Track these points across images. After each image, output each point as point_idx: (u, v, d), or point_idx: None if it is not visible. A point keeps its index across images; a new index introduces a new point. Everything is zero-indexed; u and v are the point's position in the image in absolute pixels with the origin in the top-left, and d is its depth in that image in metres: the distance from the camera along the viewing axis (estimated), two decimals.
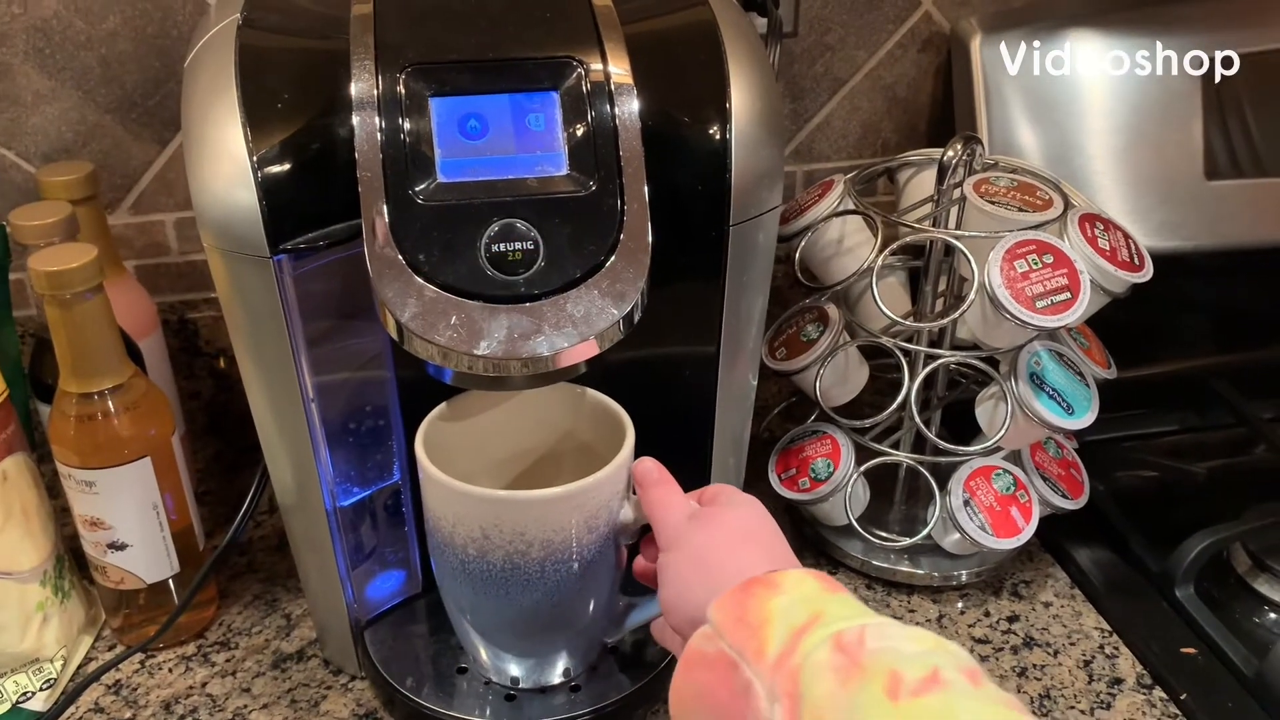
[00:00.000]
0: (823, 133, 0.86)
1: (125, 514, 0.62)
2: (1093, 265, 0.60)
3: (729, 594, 0.43)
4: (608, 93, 0.48)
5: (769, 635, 0.40)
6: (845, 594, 0.43)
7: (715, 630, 0.42)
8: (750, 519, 0.50)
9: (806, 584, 0.43)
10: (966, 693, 0.36)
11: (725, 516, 0.50)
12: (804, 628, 0.40)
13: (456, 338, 0.45)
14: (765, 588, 0.42)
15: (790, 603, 0.41)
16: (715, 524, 0.50)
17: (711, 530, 0.49)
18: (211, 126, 0.48)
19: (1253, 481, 0.82)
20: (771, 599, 0.42)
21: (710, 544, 0.48)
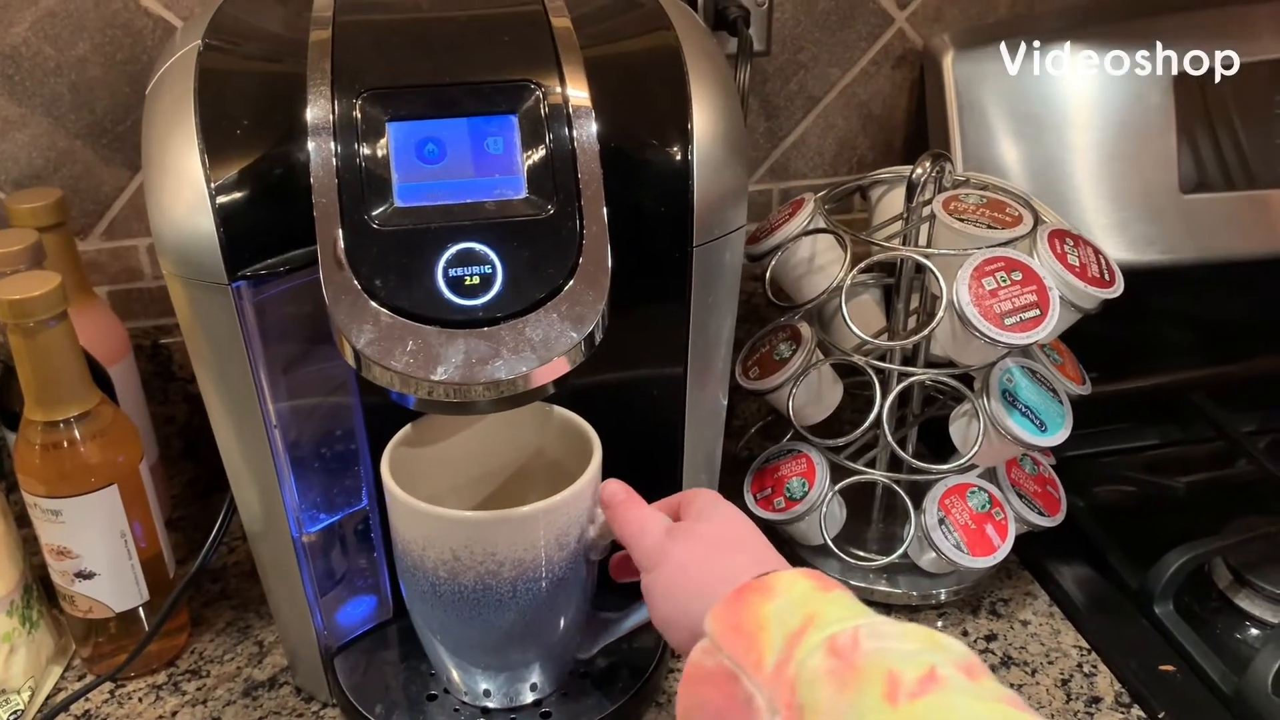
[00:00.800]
0: (798, 150, 0.86)
1: (92, 543, 0.61)
2: (1062, 281, 0.60)
3: (723, 603, 0.42)
4: (566, 116, 0.48)
5: (765, 643, 0.40)
6: (840, 591, 0.42)
7: (713, 642, 0.42)
8: (729, 525, 0.50)
9: (799, 585, 0.42)
10: (964, 690, 0.36)
11: (702, 529, 0.50)
12: (799, 632, 0.39)
13: (413, 363, 0.45)
14: (758, 593, 0.42)
15: (784, 606, 0.41)
16: (694, 536, 0.49)
17: (692, 543, 0.49)
18: (170, 153, 0.48)
19: (1233, 496, 0.82)
20: (765, 604, 0.41)
21: (693, 556, 0.48)
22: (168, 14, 0.72)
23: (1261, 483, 0.81)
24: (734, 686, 0.40)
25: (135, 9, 0.72)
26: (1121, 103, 0.80)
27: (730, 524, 0.50)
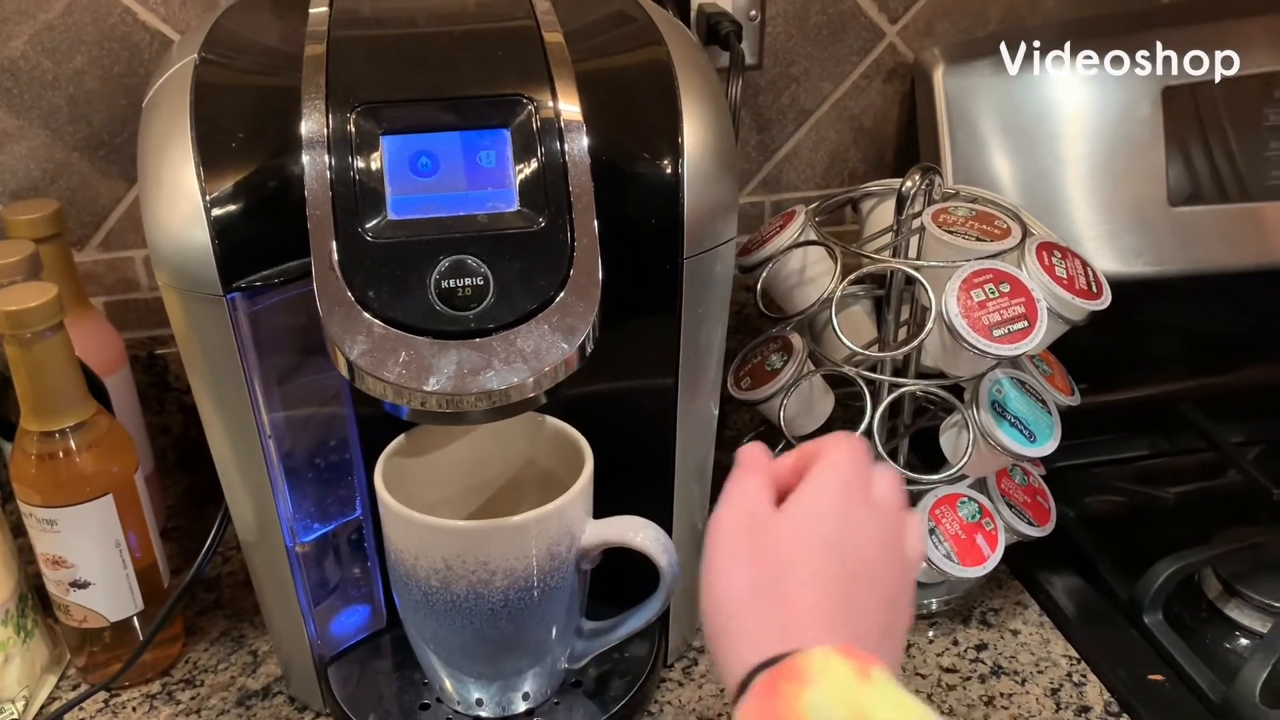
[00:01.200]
0: (790, 163, 0.87)
1: (87, 552, 0.62)
2: (1050, 293, 0.61)
3: (754, 698, 0.38)
4: (558, 129, 0.49)
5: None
6: (877, 671, 0.38)
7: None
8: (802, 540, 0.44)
9: (834, 668, 0.38)
10: None
11: (773, 538, 0.44)
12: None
13: (406, 374, 0.45)
14: (791, 682, 0.38)
15: (824, 701, 0.37)
16: (835, 526, 0.44)
17: (822, 530, 0.43)
18: (166, 166, 0.49)
19: (1222, 506, 0.83)
20: (801, 695, 0.37)
21: (736, 586, 0.43)
22: (165, 27, 0.73)
23: (1250, 493, 0.82)
24: None
25: (133, 23, 0.72)
26: (1111, 116, 0.80)
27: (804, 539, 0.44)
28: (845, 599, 0.42)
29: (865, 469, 0.46)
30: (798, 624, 0.41)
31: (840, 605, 0.42)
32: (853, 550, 0.43)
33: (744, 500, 0.45)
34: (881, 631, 0.43)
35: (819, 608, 0.41)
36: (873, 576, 0.43)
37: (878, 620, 0.43)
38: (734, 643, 0.41)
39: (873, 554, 0.44)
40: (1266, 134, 0.82)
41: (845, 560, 0.43)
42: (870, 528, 0.45)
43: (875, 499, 0.45)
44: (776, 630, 0.40)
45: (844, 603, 0.42)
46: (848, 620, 0.41)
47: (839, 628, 0.41)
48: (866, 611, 0.43)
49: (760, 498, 0.45)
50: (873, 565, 0.44)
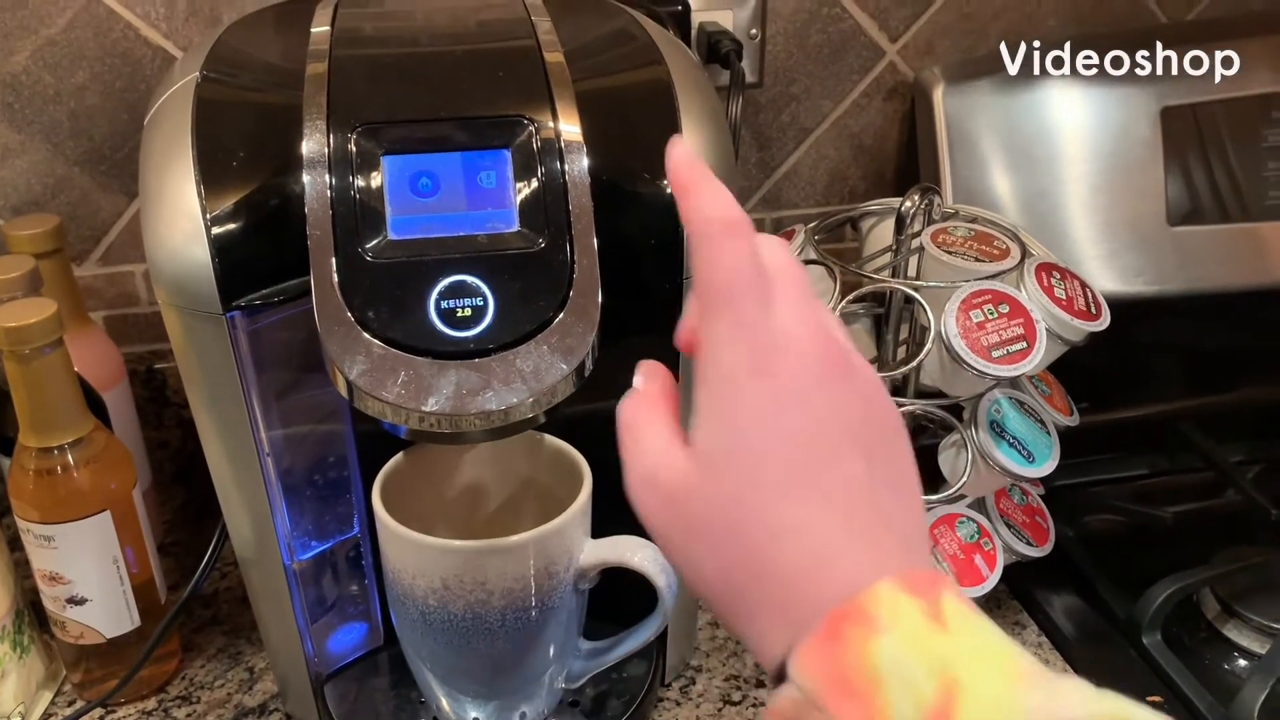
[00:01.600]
0: (790, 181, 0.87)
1: (84, 568, 0.62)
2: (1049, 314, 0.61)
3: (814, 642, 0.32)
4: (558, 150, 0.49)
5: (889, 716, 0.30)
6: (948, 602, 0.32)
7: (807, 698, 0.31)
8: (842, 400, 0.35)
9: (904, 609, 0.31)
10: None
11: (814, 385, 0.34)
12: (941, 712, 0.30)
13: (404, 394, 0.45)
14: (858, 626, 0.31)
15: (900, 652, 0.31)
16: (792, 403, 0.34)
17: (782, 417, 0.34)
18: (167, 184, 0.49)
19: (1221, 526, 0.83)
20: (870, 643, 0.31)
21: (764, 457, 0.34)
22: (167, 43, 0.73)
23: (1249, 513, 0.82)
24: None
25: (135, 38, 0.73)
26: (1110, 135, 0.81)
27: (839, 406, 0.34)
28: (862, 499, 0.34)
29: (753, 303, 0.35)
30: (863, 530, 0.33)
31: (866, 508, 0.34)
32: (810, 433, 0.34)
33: (641, 456, 0.37)
34: (922, 531, 0.36)
35: (846, 545, 0.33)
36: (867, 448, 0.35)
37: (913, 507, 0.36)
38: (745, 628, 0.35)
39: (842, 419, 0.35)
40: (1265, 154, 0.83)
41: (818, 455, 0.34)
42: (829, 391, 0.35)
43: (788, 336, 0.35)
44: (779, 605, 0.33)
45: (869, 503, 0.34)
46: (882, 524, 0.34)
47: (877, 544, 0.33)
48: (895, 501, 0.35)
49: (656, 439, 0.36)
50: (860, 434, 0.35)
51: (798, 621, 0.32)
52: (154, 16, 0.72)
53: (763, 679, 0.67)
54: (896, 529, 0.34)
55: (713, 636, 0.71)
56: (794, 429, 0.34)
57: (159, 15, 0.72)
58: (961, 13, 0.84)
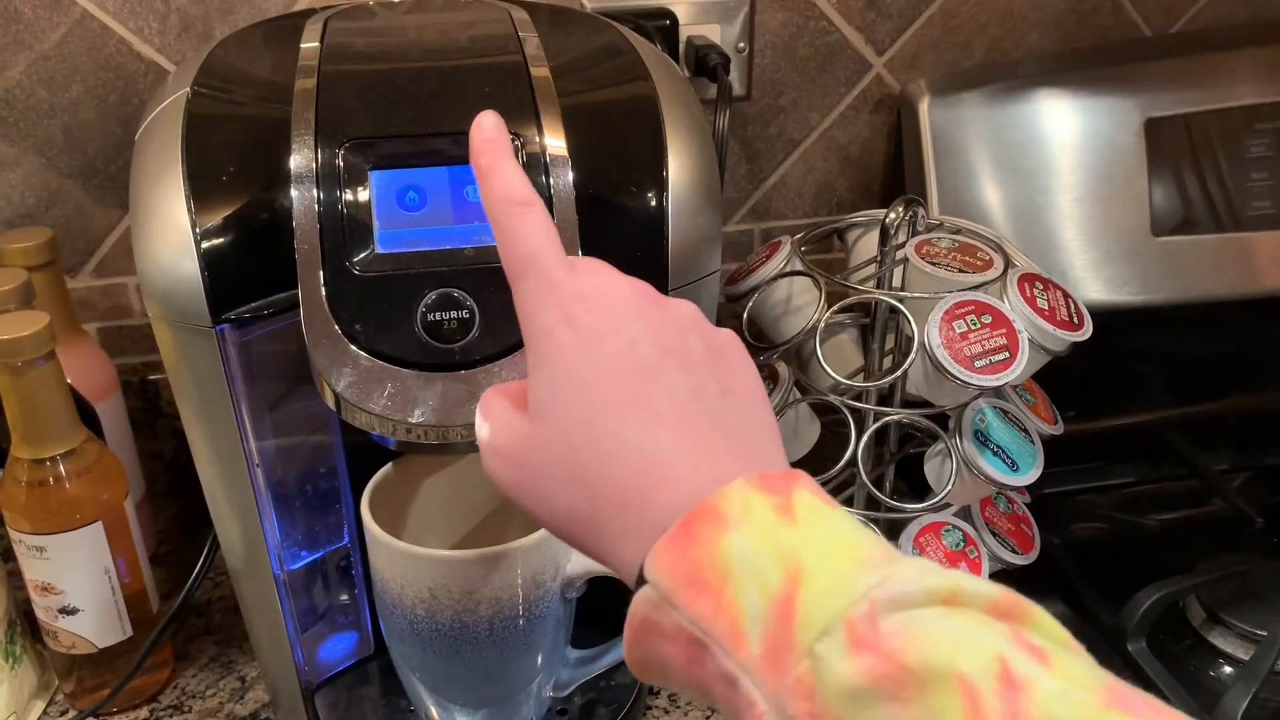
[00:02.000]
0: (778, 192, 0.88)
1: (76, 579, 0.62)
2: (1031, 325, 0.62)
3: (666, 541, 0.33)
4: (543, 164, 0.49)
5: (739, 606, 0.31)
6: (800, 497, 0.33)
7: (663, 597, 0.33)
8: (655, 326, 0.37)
9: (755, 506, 0.33)
10: (1056, 695, 0.28)
11: (621, 317, 0.37)
12: (786, 598, 0.31)
13: (391, 406, 0.46)
14: (708, 524, 0.33)
15: (750, 547, 0.32)
16: (602, 338, 0.36)
17: (596, 351, 0.36)
18: (157, 198, 0.49)
19: (1207, 534, 0.83)
20: (722, 539, 0.32)
21: (587, 391, 0.36)
22: (160, 58, 0.74)
23: (1235, 521, 0.82)
24: (704, 656, 0.32)
25: (128, 53, 0.73)
26: (1095, 147, 0.82)
27: (651, 324, 0.37)
28: (708, 423, 0.36)
29: (558, 264, 0.38)
30: (701, 434, 0.35)
31: (699, 416, 0.36)
32: (627, 356, 0.36)
33: (485, 434, 0.39)
34: (771, 432, 0.38)
35: (681, 454, 0.35)
36: (690, 363, 0.37)
37: (757, 413, 0.38)
38: (605, 553, 0.36)
39: (660, 340, 0.37)
40: (1249, 165, 0.84)
41: (638, 375, 0.36)
42: (643, 320, 0.37)
43: (594, 284, 0.38)
44: (676, 443, 0.35)
45: (701, 412, 0.36)
46: (719, 430, 0.36)
47: (716, 448, 0.35)
48: (735, 409, 0.37)
49: (498, 414, 0.39)
50: (681, 350, 0.37)
51: (646, 532, 0.34)
52: (147, 32, 0.73)
53: None
54: (740, 434, 0.36)
55: None
56: (610, 357, 0.36)
57: (152, 30, 0.73)
58: (947, 26, 0.85)
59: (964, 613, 0.30)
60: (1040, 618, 0.32)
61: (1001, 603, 0.31)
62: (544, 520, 0.38)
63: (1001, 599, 0.31)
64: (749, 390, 0.38)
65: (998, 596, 0.31)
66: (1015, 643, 0.30)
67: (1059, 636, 0.31)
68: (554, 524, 0.37)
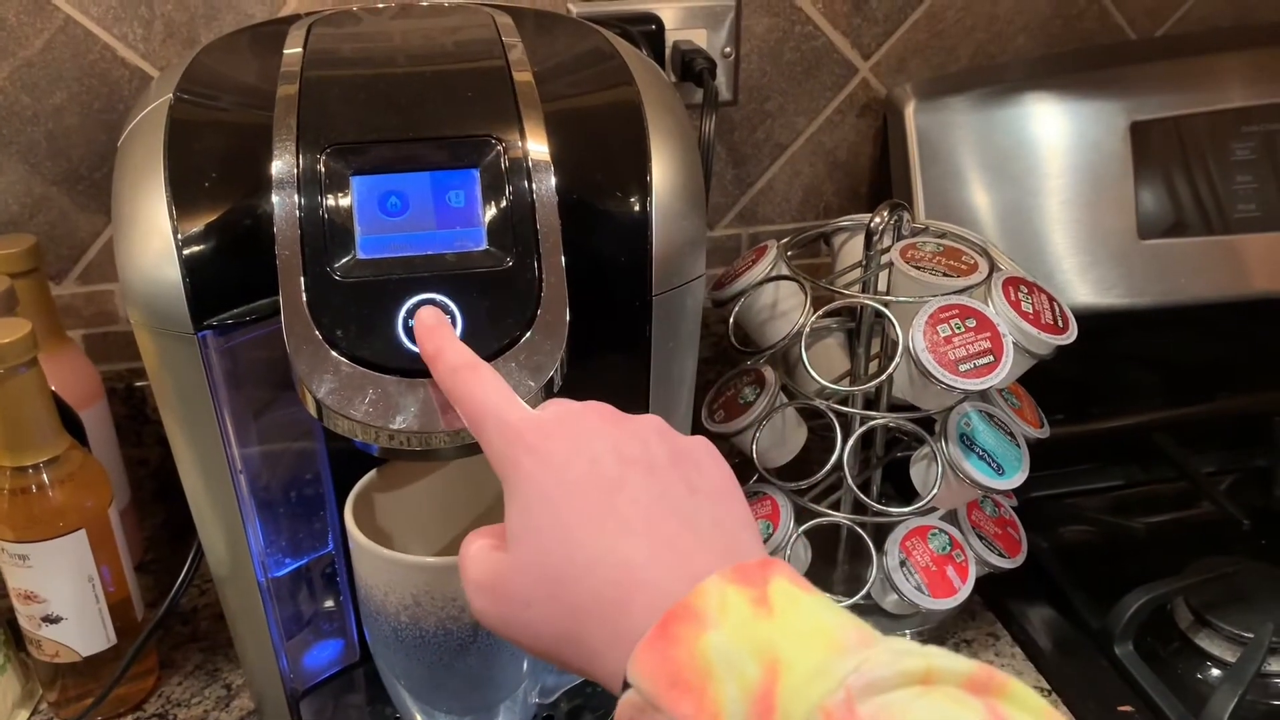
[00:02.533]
0: (766, 197, 0.88)
1: (60, 587, 0.62)
2: (1015, 328, 0.62)
3: (646, 644, 0.33)
4: (526, 170, 0.49)
5: (720, 704, 0.32)
6: (776, 586, 0.34)
7: (646, 700, 0.33)
8: (615, 441, 0.39)
9: (731, 601, 0.33)
10: None
11: (583, 439, 0.39)
12: (765, 693, 0.31)
13: (373, 412, 0.45)
14: (686, 624, 0.33)
15: (728, 644, 0.32)
16: (567, 460, 0.38)
17: (563, 473, 0.38)
18: (139, 205, 0.49)
19: (1194, 536, 0.83)
20: (700, 638, 0.33)
21: (556, 511, 0.37)
22: (144, 64, 0.74)
23: (1222, 524, 0.82)
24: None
25: (112, 59, 0.73)
26: (1080, 150, 0.82)
27: (612, 438, 0.39)
28: (678, 525, 0.37)
29: (515, 407, 0.40)
30: (665, 538, 0.36)
31: (668, 519, 0.37)
32: (592, 474, 0.37)
33: (467, 576, 0.40)
34: (745, 525, 0.39)
35: (653, 558, 0.36)
36: (655, 469, 0.38)
37: (731, 509, 0.39)
38: (591, 668, 0.36)
39: (622, 452, 0.38)
40: (1234, 168, 0.84)
41: (604, 489, 0.37)
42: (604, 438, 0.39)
43: (555, 414, 0.40)
44: (645, 550, 0.36)
45: (670, 515, 0.37)
46: (690, 530, 0.37)
47: (688, 548, 0.36)
48: (706, 507, 0.38)
49: (476, 556, 0.40)
50: (645, 460, 0.38)
51: (626, 640, 0.34)
52: (132, 38, 0.73)
53: None
54: (710, 530, 0.37)
55: None
56: (576, 476, 0.37)
57: (136, 36, 0.73)
58: (933, 31, 0.85)
59: (940, 691, 0.31)
60: (1015, 689, 0.32)
61: (977, 678, 0.32)
62: (534, 649, 0.38)
63: (977, 674, 0.32)
64: (718, 486, 0.39)
65: (973, 672, 0.32)
66: (989, 718, 0.30)
67: (1034, 706, 0.32)
68: (543, 650, 0.38)
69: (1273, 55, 0.85)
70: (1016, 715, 0.30)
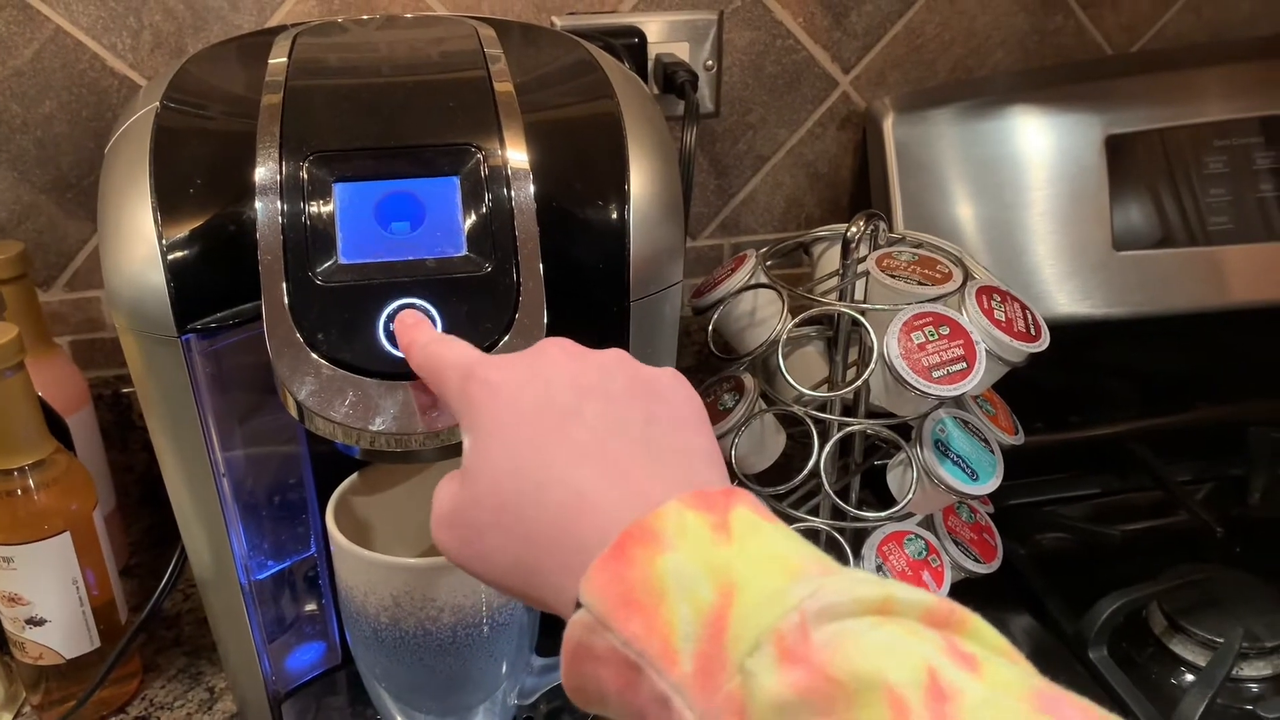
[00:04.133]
0: (748, 207, 0.89)
1: (44, 589, 0.62)
2: (988, 336, 0.63)
3: (600, 563, 0.33)
4: (505, 178, 0.50)
5: (672, 625, 0.31)
6: (738, 513, 0.33)
7: (596, 619, 0.32)
8: (573, 371, 0.39)
9: (690, 525, 0.33)
10: (981, 702, 0.28)
11: (538, 368, 0.39)
12: (718, 614, 0.30)
13: (352, 414, 0.46)
14: (642, 545, 0.32)
15: (683, 566, 0.32)
16: (519, 388, 0.38)
17: (515, 402, 0.38)
18: (125, 211, 0.50)
19: (1170, 544, 0.84)
20: (656, 559, 0.32)
21: (506, 440, 0.37)
22: (132, 73, 0.75)
23: (1197, 531, 0.83)
24: (638, 679, 0.32)
25: (101, 68, 0.74)
26: (1056, 163, 0.83)
27: (576, 368, 0.39)
28: (632, 452, 0.36)
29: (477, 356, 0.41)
30: (625, 470, 0.36)
31: (624, 444, 0.36)
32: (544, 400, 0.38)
33: (432, 510, 0.41)
34: (706, 456, 0.38)
35: (605, 484, 0.35)
36: (612, 397, 0.38)
37: (693, 439, 0.38)
38: (545, 596, 0.36)
39: (578, 383, 0.38)
40: (1208, 181, 0.85)
41: (557, 416, 0.37)
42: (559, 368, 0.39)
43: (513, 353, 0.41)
44: (604, 479, 0.35)
45: (628, 440, 0.37)
46: (649, 456, 0.36)
47: (643, 474, 0.36)
48: (667, 435, 0.38)
49: (440, 489, 0.41)
50: (601, 388, 0.38)
51: (577, 565, 0.34)
52: (120, 47, 0.74)
53: None
54: (669, 459, 0.37)
55: None
56: (529, 403, 0.38)
57: (125, 46, 0.74)
58: (912, 45, 0.86)
59: (896, 622, 0.30)
60: (975, 625, 0.31)
61: (936, 611, 0.31)
62: (490, 579, 0.38)
63: (936, 607, 0.31)
64: (681, 415, 0.39)
65: (932, 605, 0.31)
66: (946, 651, 0.29)
67: (995, 644, 0.31)
68: (498, 579, 0.38)
69: (1245, 71, 0.87)
70: (976, 650, 0.29)
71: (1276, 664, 0.71)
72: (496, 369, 0.39)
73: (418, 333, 0.45)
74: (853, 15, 0.84)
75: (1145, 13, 0.90)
